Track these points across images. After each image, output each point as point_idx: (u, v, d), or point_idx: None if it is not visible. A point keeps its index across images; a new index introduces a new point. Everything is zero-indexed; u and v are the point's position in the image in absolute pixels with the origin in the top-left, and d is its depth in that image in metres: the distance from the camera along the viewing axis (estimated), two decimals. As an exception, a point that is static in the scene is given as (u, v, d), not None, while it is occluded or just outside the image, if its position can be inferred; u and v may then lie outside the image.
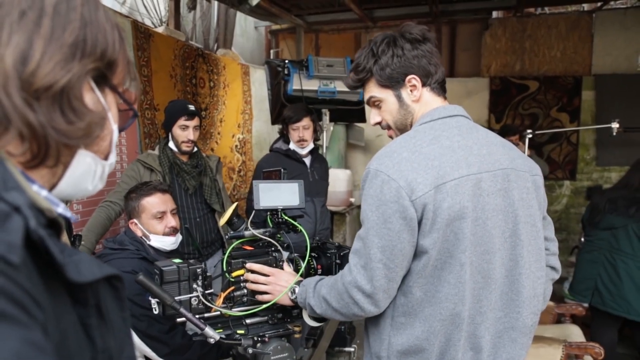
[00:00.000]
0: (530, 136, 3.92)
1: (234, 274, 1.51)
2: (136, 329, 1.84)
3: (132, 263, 1.96)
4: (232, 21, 5.37)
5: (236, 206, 1.68)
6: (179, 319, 1.41)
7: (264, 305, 1.49)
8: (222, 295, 1.50)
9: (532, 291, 1.32)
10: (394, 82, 1.36)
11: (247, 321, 1.52)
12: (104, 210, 2.61)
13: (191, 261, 1.46)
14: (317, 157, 3.42)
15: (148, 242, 2.09)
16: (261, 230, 1.57)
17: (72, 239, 1.88)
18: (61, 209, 0.59)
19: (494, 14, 6.30)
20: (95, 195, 2.21)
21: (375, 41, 1.38)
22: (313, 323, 1.53)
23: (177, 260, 1.46)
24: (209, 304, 1.44)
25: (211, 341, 1.37)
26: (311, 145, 3.29)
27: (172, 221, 2.14)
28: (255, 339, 1.48)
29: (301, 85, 3.85)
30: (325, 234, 3.39)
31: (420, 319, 1.25)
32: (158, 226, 2.11)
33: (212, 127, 4.57)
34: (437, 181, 1.19)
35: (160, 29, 3.96)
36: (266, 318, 1.55)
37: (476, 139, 1.31)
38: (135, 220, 2.11)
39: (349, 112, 4.34)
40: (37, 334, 0.44)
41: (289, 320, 1.59)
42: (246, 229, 1.59)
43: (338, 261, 1.62)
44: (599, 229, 3.28)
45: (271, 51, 6.94)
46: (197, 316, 1.38)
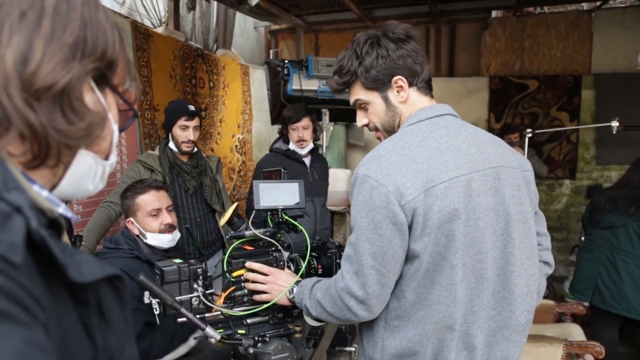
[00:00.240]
0: (530, 135, 3.92)
1: (234, 274, 1.51)
2: None
3: (124, 262, 1.96)
4: (231, 21, 5.37)
5: (236, 206, 1.68)
6: (179, 319, 1.41)
7: (264, 305, 1.49)
8: (223, 295, 1.50)
9: (525, 288, 1.31)
10: (380, 84, 1.33)
11: (248, 321, 1.52)
12: (105, 210, 2.62)
13: (192, 261, 1.46)
14: (317, 157, 3.42)
15: (144, 241, 2.08)
16: (262, 230, 1.57)
17: (73, 239, 1.88)
18: (62, 209, 0.59)
19: (493, 13, 6.29)
20: (96, 195, 2.22)
21: (359, 42, 1.34)
22: (314, 323, 1.52)
23: (177, 261, 1.46)
24: (209, 304, 1.44)
25: (212, 341, 1.37)
26: (311, 145, 3.30)
27: (168, 218, 2.12)
28: (256, 338, 1.48)
29: (301, 85, 3.85)
30: (326, 234, 3.39)
31: (413, 321, 1.24)
32: (154, 223, 2.09)
33: (212, 127, 4.57)
34: (426, 185, 1.18)
35: (159, 30, 3.96)
36: (267, 318, 1.55)
37: (465, 138, 1.29)
38: (132, 219, 2.10)
39: (349, 112, 4.32)
40: (39, 334, 0.44)
41: (289, 320, 1.59)
42: (247, 228, 1.59)
43: (339, 261, 1.61)
44: (599, 228, 3.28)
45: (271, 51, 6.93)
46: (198, 316, 1.38)
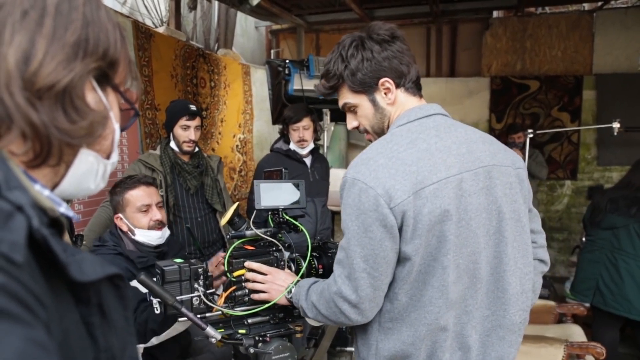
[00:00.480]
0: (531, 136, 3.91)
1: (235, 274, 1.51)
2: None
3: (106, 258, 1.93)
4: (232, 21, 5.37)
5: (237, 206, 1.67)
6: (180, 319, 1.42)
7: (265, 305, 1.49)
8: (224, 295, 1.50)
9: (520, 287, 1.31)
10: (367, 87, 1.32)
11: (249, 321, 1.52)
12: (106, 210, 2.62)
13: (192, 261, 1.47)
14: (318, 157, 3.42)
15: (133, 237, 2.04)
16: (262, 230, 1.57)
17: (74, 238, 1.88)
18: (63, 209, 0.59)
19: (494, 13, 6.29)
20: (97, 195, 2.21)
21: (344, 45, 1.34)
22: (314, 323, 1.52)
23: (178, 260, 1.46)
24: (210, 303, 1.44)
25: (213, 340, 1.37)
26: (311, 145, 3.29)
27: (158, 214, 2.08)
28: (257, 338, 1.48)
29: (302, 85, 3.85)
30: (326, 234, 3.39)
31: (406, 324, 1.24)
32: (143, 220, 2.05)
33: (213, 127, 4.58)
34: (415, 187, 1.17)
35: (161, 29, 3.96)
36: (268, 318, 1.55)
37: (455, 138, 1.28)
38: (120, 215, 2.06)
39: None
40: (40, 333, 0.44)
41: (290, 319, 1.59)
42: (247, 228, 1.59)
43: (339, 261, 1.61)
44: (600, 229, 3.28)
45: (272, 51, 6.93)
46: (199, 316, 1.38)
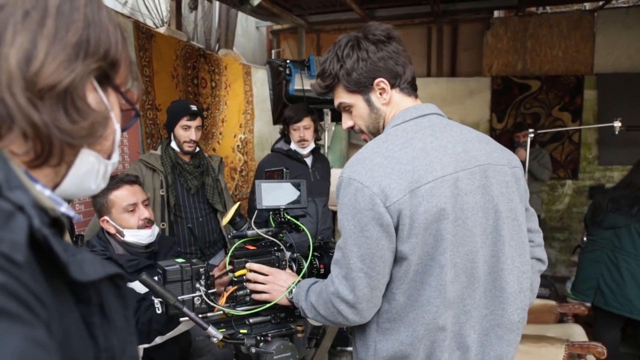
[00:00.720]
0: (532, 135, 3.91)
1: (236, 274, 1.51)
2: None
3: None
4: (233, 21, 5.37)
5: (239, 206, 1.68)
6: (182, 319, 1.42)
7: (266, 305, 1.49)
8: (225, 294, 1.50)
9: (517, 286, 1.31)
10: (362, 87, 1.33)
11: (250, 320, 1.52)
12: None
13: (194, 260, 1.47)
14: (319, 157, 3.42)
15: (122, 238, 1.97)
16: (264, 230, 1.58)
17: (74, 238, 1.88)
18: (64, 208, 0.59)
19: (495, 13, 6.29)
20: (98, 195, 2.19)
21: (340, 44, 1.34)
22: (315, 323, 1.52)
23: (180, 260, 1.46)
24: (212, 303, 1.44)
25: (214, 340, 1.37)
26: (312, 145, 3.30)
27: (145, 212, 2.01)
28: (258, 338, 1.49)
29: (303, 85, 3.85)
30: (327, 234, 3.39)
31: (404, 324, 1.24)
32: (131, 220, 1.96)
33: (214, 127, 4.58)
34: (411, 186, 1.17)
35: (161, 30, 3.96)
36: (269, 317, 1.55)
37: (450, 137, 1.28)
38: (106, 217, 1.97)
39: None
40: (41, 332, 0.44)
41: (291, 319, 1.60)
42: (249, 228, 1.59)
43: (340, 261, 1.62)
44: (601, 229, 3.28)
45: (273, 51, 6.94)
46: (200, 316, 1.38)
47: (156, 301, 1.40)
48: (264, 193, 1.56)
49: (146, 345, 1.68)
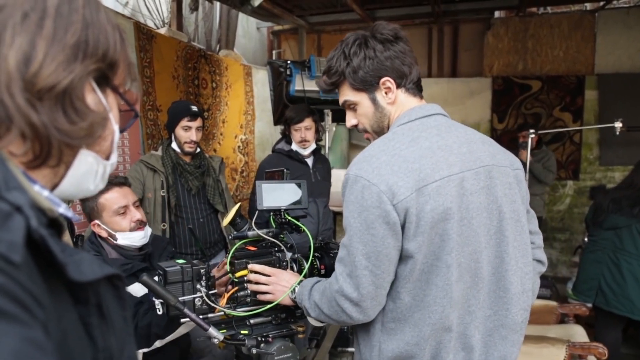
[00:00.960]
0: (533, 136, 3.91)
1: (237, 275, 1.51)
2: None
3: None
4: (234, 22, 5.38)
5: (239, 207, 1.68)
6: (182, 319, 1.42)
7: (267, 306, 1.49)
8: (226, 295, 1.50)
9: (521, 287, 1.31)
10: (368, 85, 1.33)
11: (251, 321, 1.52)
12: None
13: (195, 262, 1.47)
14: (320, 157, 3.43)
15: (115, 242, 1.92)
16: (264, 231, 1.58)
17: (75, 239, 1.88)
18: (62, 209, 0.59)
19: (496, 13, 6.28)
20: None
21: (347, 42, 1.34)
22: (316, 323, 1.52)
23: (180, 261, 1.46)
24: (212, 304, 1.44)
25: (215, 341, 1.37)
26: (313, 146, 3.30)
27: (137, 214, 1.96)
28: (259, 339, 1.49)
29: (303, 86, 3.85)
30: (328, 235, 3.39)
31: (410, 324, 1.23)
32: (123, 222, 1.92)
33: (215, 128, 4.58)
34: (418, 184, 1.17)
35: (162, 30, 3.97)
36: (270, 318, 1.55)
37: (456, 137, 1.29)
38: (97, 221, 1.92)
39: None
40: (38, 333, 0.44)
41: (292, 320, 1.60)
42: (249, 229, 1.59)
43: (341, 261, 1.62)
44: (602, 229, 3.27)
45: (273, 52, 6.94)
46: (201, 316, 1.38)
47: (157, 302, 1.40)
48: (264, 194, 1.56)
49: (146, 350, 1.68)
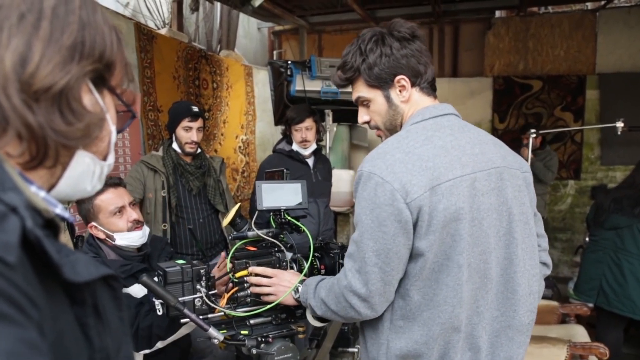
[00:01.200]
0: (534, 136, 3.90)
1: (237, 275, 1.51)
2: None
3: None
4: (234, 22, 5.38)
5: (239, 207, 1.68)
6: (182, 320, 1.42)
7: (267, 306, 1.49)
8: (226, 296, 1.50)
9: (528, 289, 1.31)
10: (383, 82, 1.33)
11: (251, 322, 1.52)
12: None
13: (195, 262, 1.47)
14: (320, 157, 3.43)
15: (113, 243, 1.91)
16: (264, 231, 1.58)
17: (75, 240, 1.88)
18: (59, 210, 0.59)
19: (497, 13, 6.28)
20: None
21: (363, 38, 1.34)
22: (316, 323, 1.53)
23: (180, 262, 1.46)
24: (212, 304, 1.44)
25: (215, 341, 1.37)
26: (314, 146, 3.30)
27: (134, 214, 1.94)
28: (259, 339, 1.48)
29: (304, 86, 3.85)
30: (329, 235, 3.39)
31: (419, 323, 1.23)
32: (120, 223, 1.90)
33: (216, 128, 4.58)
34: (432, 182, 1.18)
35: (163, 31, 3.97)
36: (270, 318, 1.55)
37: (468, 138, 1.30)
38: (94, 223, 1.91)
39: (352, 113, 4.28)
40: (32, 333, 0.44)
41: (292, 320, 1.60)
42: (249, 229, 1.59)
43: (341, 261, 1.61)
44: (603, 229, 3.27)
45: (274, 52, 6.94)
46: (201, 317, 1.38)
47: (157, 303, 1.40)
48: (264, 194, 1.56)
49: (147, 351, 1.68)
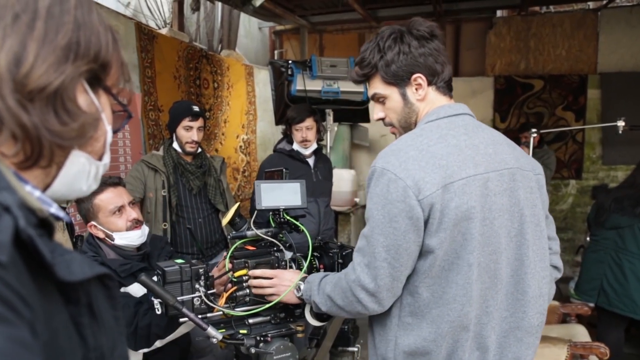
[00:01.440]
0: (535, 135, 3.90)
1: (236, 274, 1.51)
2: None
3: None
4: (235, 22, 5.38)
5: (238, 206, 1.68)
6: (181, 319, 1.42)
7: (266, 305, 1.49)
8: (225, 295, 1.50)
9: (538, 290, 1.31)
10: (399, 80, 1.34)
11: (250, 321, 1.53)
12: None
13: (193, 261, 1.47)
14: (321, 157, 3.42)
15: (112, 242, 1.91)
16: (263, 230, 1.58)
17: (74, 239, 1.88)
18: (54, 209, 0.59)
19: (498, 12, 6.27)
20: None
21: (382, 35, 1.35)
22: (316, 323, 1.53)
23: (179, 261, 1.46)
24: (211, 304, 1.44)
25: (214, 341, 1.37)
26: (314, 146, 3.30)
27: (133, 213, 1.95)
28: (258, 338, 1.49)
29: (305, 86, 3.86)
30: (329, 234, 3.39)
31: (427, 320, 1.24)
32: (119, 222, 1.90)
33: (216, 128, 4.58)
34: (444, 180, 1.18)
35: (164, 31, 3.98)
36: (269, 318, 1.55)
37: (482, 138, 1.30)
38: (94, 222, 1.91)
39: (353, 112, 4.33)
40: (24, 332, 0.44)
41: (291, 319, 1.60)
42: (248, 229, 1.59)
43: (340, 260, 1.62)
44: (604, 229, 3.26)
45: (275, 52, 6.95)
46: (200, 316, 1.38)
47: (156, 302, 1.40)
48: (263, 193, 1.57)
49: (146, 350, 1.68)
